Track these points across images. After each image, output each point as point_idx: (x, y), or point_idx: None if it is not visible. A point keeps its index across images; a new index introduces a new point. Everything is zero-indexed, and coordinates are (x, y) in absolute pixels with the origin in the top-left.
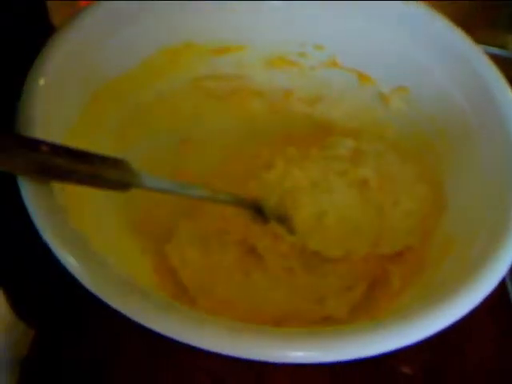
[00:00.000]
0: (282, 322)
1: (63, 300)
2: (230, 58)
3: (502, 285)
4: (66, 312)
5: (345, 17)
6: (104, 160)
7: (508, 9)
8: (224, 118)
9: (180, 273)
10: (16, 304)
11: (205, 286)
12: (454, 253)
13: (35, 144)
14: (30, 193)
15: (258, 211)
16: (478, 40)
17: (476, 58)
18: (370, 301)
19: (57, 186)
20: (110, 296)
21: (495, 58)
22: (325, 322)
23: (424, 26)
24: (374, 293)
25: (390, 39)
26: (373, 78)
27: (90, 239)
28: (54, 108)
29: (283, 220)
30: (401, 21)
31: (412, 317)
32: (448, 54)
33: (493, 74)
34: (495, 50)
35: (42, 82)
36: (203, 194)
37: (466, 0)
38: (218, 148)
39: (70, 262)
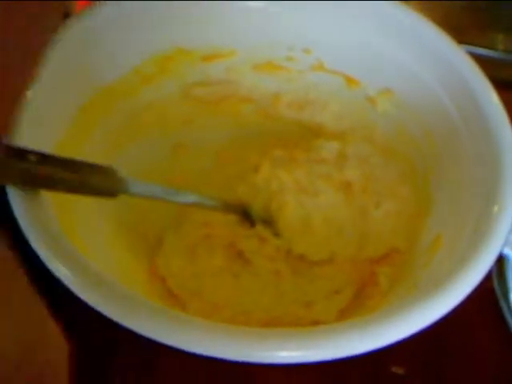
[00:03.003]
0: (270, 324)
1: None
2: (219, 64)
3: (490, 283)
4: (59, 318)
5: (330, 19)
6: (91, 168)
7: (497, 10)
8: (214, 124)
9: (168, 281)
10: None
11: (194, 291)
12: (441, 251)
13: (23, 153)
14: (18, 203)
15: (245, 215)
16: (467, 41)
17: (459, 59)
18: (359, 303)
19: (46, 194)
20: (100, 304)
21: (484, 59)
22: (314, 326)
23: (409, 29)
24: (362, 295)
25: (375, 42)
26: (359, 80)
27: (80, 246)
28: (43, 118)
29: (269, 223)
30: (386, 23)
31: (399, 313)
32: (432, 55)
33: (476, 75)
34: (484, 51)
35: (30, 94)
36: (190, 200)
37: (455, 1)
38: (208, 153)
39: (61, 271)
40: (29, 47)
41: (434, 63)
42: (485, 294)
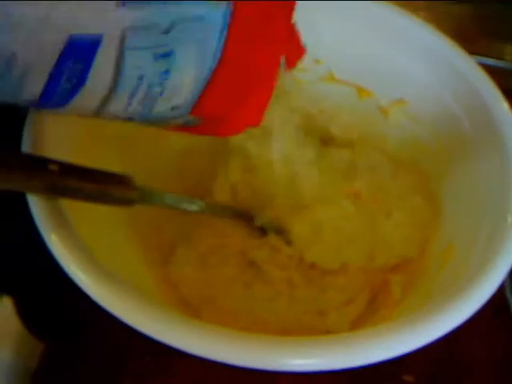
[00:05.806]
0: (285, 333)
1: (69, 311)
2: None
3: (502, 295)
4: (72, 323)
5: (341, 31)
6: (110, 177)
7: (506, 20)
8: None
9: (181, 289)
10: (25, 317)
11: (207, 299)
12: (453, 261)
13: (45, 163)
14: (38, 209)
15: (256, 223)
16: (476, 51)
17: (470, 69)
18: (372, 312)
19: (64, 201)
20: (118, 309)
21: (493, 69)
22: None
23: (419, 40)
24: (375, 304)
25: (386, 53)
26: (371, 91)
27: (97, 253)
28: (62, 127)
29: (281, 232)
30: (396, 34)
31: (412, 324)
32: (443, 66)
33: (487, 85)
34: (493, 62)
35: None
36: (203, 208)
37: (464, 11)
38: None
39: (79, 275)
40: None
41: (445, 74)
42: (498, 303)
